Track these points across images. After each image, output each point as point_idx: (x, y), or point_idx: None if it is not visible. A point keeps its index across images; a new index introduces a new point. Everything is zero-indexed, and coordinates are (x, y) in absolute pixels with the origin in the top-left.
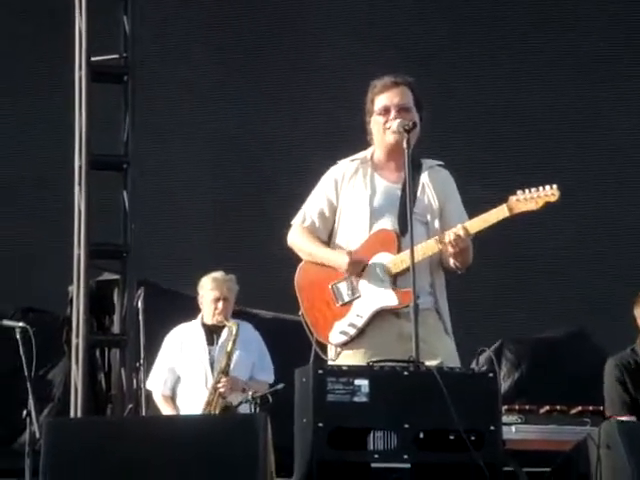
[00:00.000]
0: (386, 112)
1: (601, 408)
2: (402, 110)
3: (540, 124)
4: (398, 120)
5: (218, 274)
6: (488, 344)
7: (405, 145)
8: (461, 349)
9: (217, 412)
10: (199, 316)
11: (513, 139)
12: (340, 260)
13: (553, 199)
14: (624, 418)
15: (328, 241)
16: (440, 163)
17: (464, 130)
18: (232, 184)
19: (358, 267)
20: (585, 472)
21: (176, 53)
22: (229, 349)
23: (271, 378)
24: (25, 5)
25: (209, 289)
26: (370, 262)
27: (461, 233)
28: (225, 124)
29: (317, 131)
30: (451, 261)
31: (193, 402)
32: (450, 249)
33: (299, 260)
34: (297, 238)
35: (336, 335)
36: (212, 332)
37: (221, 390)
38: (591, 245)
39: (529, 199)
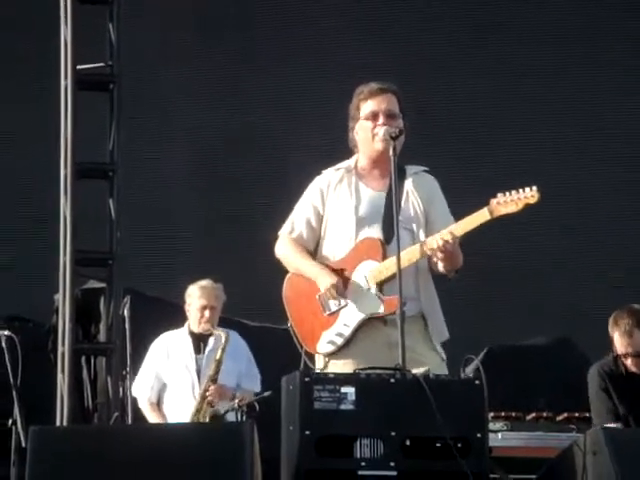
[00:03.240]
0: (374, 118)
1: (587, 415)
2: (390, 116)
3: (521, 128)
4: (385, 127)
5: (205, 282)
6: (475, 352)
7: (391, 152)
8: (448, 357)
9: (205, 420)
10: (186, 324)
11: (495, 142)
12: (323, 282)
13: (533, 201)
14: (610, 426)
15: (315, 250)
16: (425, 168)
17: (447, 133)
18: (220, 192)
19: (337, 291)
20: (571, 479)
21: (169, 58)
22: (218, 357)
23: (258, 387)
24: (10, 14)
25: (196, 297)
26: (356, 271)
27: (448, 238)
28: (214, 133)
29: (308, 141)
30: (440, 266)
31: (180, 410)
32: (439, 254)
33: (286, 270)
34: (285, 250)
35: (324, 345)
36: (199, 340)
37: (209, 398)
38: (574, 251)
39: (509, 202)
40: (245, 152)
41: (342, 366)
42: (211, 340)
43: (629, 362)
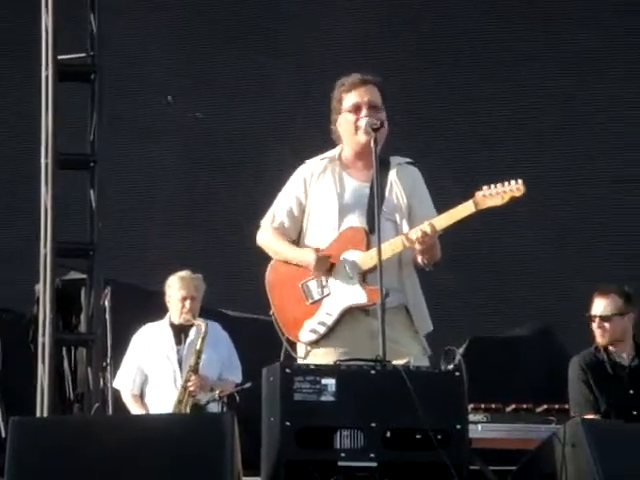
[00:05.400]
0: (357, 110)
1: (567, 407)
2: (372, 108)
3: (509, 120)
4: (366, 119)
5: (185, 273)
6: (455, 344)
7: (372, 144)
8: (430, 348)
9: (187, 410)
10: (167, 316)
11: (481, 134)
12: (307, 257)
13: (518, 194)
14: (589, 417)
15: (297, 240)
16: (409, 160)
17: (435, 125)
18: (201, 183)
19: (325, 264)
20: (550, 471)
21: (148, 49)
22: (198, 347)
23: (239, 378)
24: None
25: (176, 288)
26: (339, 260)
27: (427, 230)
28: (196, 123)
29: (290, 130)
30: (419, 258)
31: (162, 401)
32: (417, 246)
33: (269, 259)
34: (266, 238)
35: (306, 333)
36: (180, 331)
37: (191, 389)
38: (554, 243)
39: (495, 194)
40: (230, 144)
41: (323, 355)
42: (192, 331)
43: (599, 332)
